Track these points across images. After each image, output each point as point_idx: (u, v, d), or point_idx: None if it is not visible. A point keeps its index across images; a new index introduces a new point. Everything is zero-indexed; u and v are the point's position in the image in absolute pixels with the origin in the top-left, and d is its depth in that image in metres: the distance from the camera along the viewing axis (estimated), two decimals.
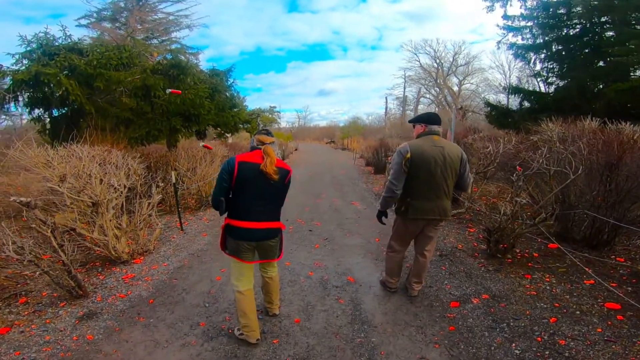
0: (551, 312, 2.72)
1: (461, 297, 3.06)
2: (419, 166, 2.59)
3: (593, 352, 2.22)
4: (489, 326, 2.59)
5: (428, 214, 2.68)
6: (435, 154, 2.59)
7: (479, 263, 3.84)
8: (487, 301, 2.96)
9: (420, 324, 2.64)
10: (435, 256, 4.07)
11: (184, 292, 3.26)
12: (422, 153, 2.59)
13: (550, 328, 2.50)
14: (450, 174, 2.64)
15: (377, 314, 2.80)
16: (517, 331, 2.50)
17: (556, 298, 2.94)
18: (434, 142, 2.64)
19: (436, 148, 2.60)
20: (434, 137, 2.66)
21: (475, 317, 2.73)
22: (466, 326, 2.60)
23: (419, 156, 2.58)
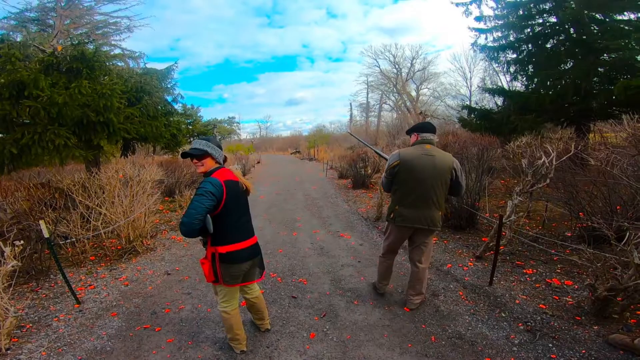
0: None
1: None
2: (408, 174, 2.63)
3: None
4: None
5: (415, 223, 2.69)
6: (425, 162, 2.60)
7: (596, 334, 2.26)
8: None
9: None
10: (523, 333, 2.50)
11: None
12: (412, 161, 2.62)
13: None
14: (440, 184, 2.62)
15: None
16: None
17: None
18: (426, 150, 2.63)
19: (427, 157, 2.61)
20: (426, 146, 2.66)
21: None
22: None
23: (407, 164, 2.63)
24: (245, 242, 2.07)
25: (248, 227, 2.12)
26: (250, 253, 2.11)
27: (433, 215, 2.66)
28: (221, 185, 1.90)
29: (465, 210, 4.99)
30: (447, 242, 4.74)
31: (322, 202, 8.22)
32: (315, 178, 13.54)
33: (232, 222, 2.01)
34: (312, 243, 4.99)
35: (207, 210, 1.83)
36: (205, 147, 2.01)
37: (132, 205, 4.83)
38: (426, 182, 2.59)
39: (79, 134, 4.74)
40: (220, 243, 2.00)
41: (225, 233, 1.99)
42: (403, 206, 2.70)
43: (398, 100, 37.94)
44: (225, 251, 2.00)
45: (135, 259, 4.65)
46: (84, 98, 4.41)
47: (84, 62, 4.79)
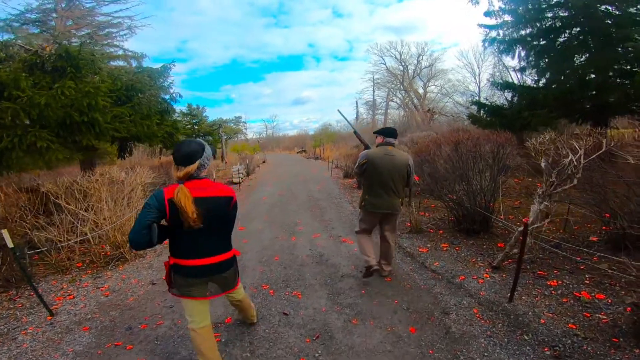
0: None
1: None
2: (373, 170, 3.27)
3: None
4: None
5: (380, 208, 3.32)
6: (386, 161, 3.24)
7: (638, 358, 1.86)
8: None
9: None
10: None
11: None
12: (375, 159, 3.26)
13: None
14: (398, 177, 3.27)
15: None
16: None
17: None
18: (387, 151, 3.27)
19: (387, 157, 3.24)
20: (388, 147, 3.30)
21: None
22: None
23: (373, 162, 3.26)
24: (194, 261, 1.91)
25: (203, 248, 1.92)
26: (200, 272, 1.94)
27: (394, 202, 3.31)
28: (163, 200, 1.76)
29: (479, 213, 4.58)
30: (459, 249, 4.33)
31: (325, 203, 7.85)
32: (320, 177, 13.18)
33: (178, 238, 1.89)
34: (312, 249, 4.63)
35: (149, 221, 1.73)
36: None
37: (120, 210, 4.55)
38: (387, 176, 3.23)
39: (64, 135, 4.46)
40: (171, 253, 1.95)
41: (173, 246, 1.93)
42: (371, 196, 3.35)
43: (405, 97, 37.32)
44: (173, 262, 1.95)
45: (122, 266, 4.39)
46: (67, 99, 4.12)
47: (69, 61, 4.52)
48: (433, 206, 6.47)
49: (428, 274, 3.72)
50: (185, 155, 1.81)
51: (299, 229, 5.69)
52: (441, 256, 4.15)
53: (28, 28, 12.91)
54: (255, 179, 13.85)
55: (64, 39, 14.07)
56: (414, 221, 4.94)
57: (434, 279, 3.58)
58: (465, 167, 4.35)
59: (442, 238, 4.73)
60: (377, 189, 3.27)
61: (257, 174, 16.13)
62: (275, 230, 5.61)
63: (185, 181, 1.82)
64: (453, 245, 4.43)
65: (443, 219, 5.66)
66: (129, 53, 16.36)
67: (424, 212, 5.99)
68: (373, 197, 3.31)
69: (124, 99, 5.30)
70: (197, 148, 1.83)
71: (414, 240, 4.74)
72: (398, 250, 4.46)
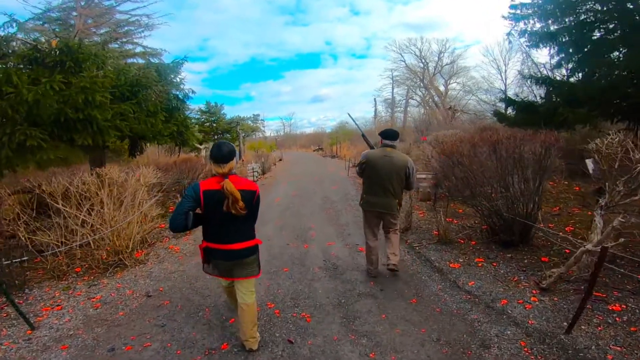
0: None
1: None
2: (372, 170, 3.38)
3: None
4: None
5: (376, 207, 3.41)
6: (384, 162, 3.32)
7: None
8: None
9: None
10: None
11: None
12: (374, 160, 3.36)
13: None
14: (396, 179, 3.33)
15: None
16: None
17: None
18: (386, 152, 3.36)
19: (386, 157, 3.33)
20: (387, 149, 3.38)
21: None
22: None
23: (371, 163, 3.37)
24: (221, 245, 2.22)
25: (230, 234, 2.21)
26: (225, 256, 2.25)
27: (390, 202, 3.37)
28: (199, 191, 2.11)
29: (519, 223, 3.96)
30: (496, 264, 3.73)
31: (341, 205, 7.35)
32: (336, 177, 12.68)
33: (210, 224, 2.23)
34: (325, 260, 4.15)
35: (186, 209, 2.09)
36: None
37: (120, 213, 4.23)
38: (384, 177, 3.30)
39: (59, 134, 4.18)
40: (203, 237, 2.30)
41: (206, 231, 2.27)
42: (368, 195, 3.46)
43: (425, 95, 36.13)
44: (204, 245, 2.29)
45: (121, 273, 4.07)
46: (57, 95, 3.82)
47: (69, 55, 4.24)
48: (461, 211, 5.86)
49: (461, 296, 3.17)
50: (226, 155, 2.13)
51: (312, 234, 5.22)
52: (476, 273, 3.57)
53: (47, 27, 13.03)
54: (270, 178, 13.53)
55: (84, 37, 14.23)
56: (442, 230, 4.37)
57: (469, 302, 3.03)
58: (504, 171, 3.74)
59: (476, 251, 4.14)
60: (374, 188, 3.38)
61: (273, 172, 15.81)
62: (287, 236, 5.17)
63: (229, 175, 2.13)
64: (489, 260, 3.84)
65: (474, 227, 5.05)
66: (148, 50, 16.39)
67: (451, 219, 5.39)
68: (370, 196, 3.43)
69: (128, 95, 4.99)
70: (232, 148, 2.19)
71: (442, 252, 4.17)
72: (424, 265, 3.93)
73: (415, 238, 4.76)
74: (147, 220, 5.19)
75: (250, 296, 2.37)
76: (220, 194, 2.07)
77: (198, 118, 31.14)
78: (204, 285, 3.63)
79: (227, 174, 2.13)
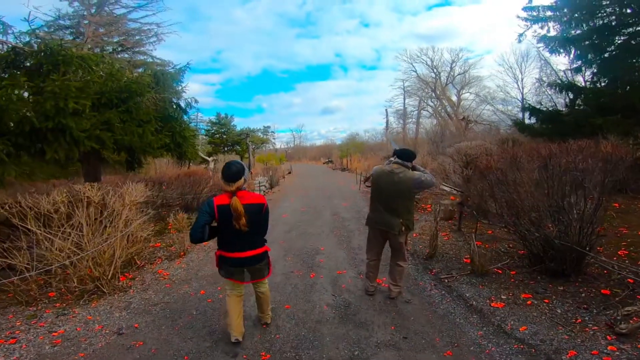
0: None
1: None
2: (375, 185, 3.28)
3: None
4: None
5: (377, 225, 3.24)
6: (387, 178, 3.15)
7: None
8: None
9: None
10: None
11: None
12: (378, 176, 3.24)
13: None
14: (400, 196, 3.10)
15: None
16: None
17: None
18: (392, 169, 3.16)
19: (391, 174, 3.14)
20: (394, 166, 3.17)
21: None
22: None
23: (376, 178, 3.26)
24: (234, 254, 2.46)
25: (240, 243, 2.43)
26: (237, 262, 2.48)
27: (390, 221, 3.12)
28: (213, 206, 2.35)
29: (571, 250, 3.23)
30: (548, 301, 2.99)
31: (353, 224, 6.66)
32: (347, 192, 12.01)
33: (223, 235, 2.46)
34: (335, 295, 3.46)
35: (203, 223, 2.34)
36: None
37: (98, 235, 3.67)
38: (386, 194, 3.15)
39: (25, 145, 3.67)
40: (218, 246, 2.54)
41: (220, 241, 2.50)
42: (371, 211, 3.33)
43: (437, 105, 35.40)
44: (218, 254, 2.55)
45: (97, 302, 3.52)
46: (21, 101, 3.32)
47: (48, 58, 3.80)
48: (490, 232, 5.11)
49: (512, 345, 2.46)
50: (234, 174, 2.34)
51: (320, 260, 4.55)
52: (527, 314, 2.83)
53: (58, 35, 13.03)
54: (278, 192, 12.95)
55: (95, 46, 14.21)
56: (476, 259, 3.63)
57: (524, 355, 2.33)
58: (560, 191, 3.04)
59: (519, 284, 3.39)
60: (376, 204, 3.26)
61: (281, 186, 15.24)
62: (291, 262, 4.51)
63: (237, 192, 2.34)
64: (539, 296, 3.10)
65: (508, 251, 4.31)
66: (157, 60, 16.35)
67: (480, 242, 4.65)
68: (372, 212, 3.31)
69: (116, 102, 4.51)
70: (241, 168, 2.39)
71: (478, 287, 3.42)
72: (458, 303, 3.20)
73: (443, 267, 4.02)
74: (136, 240, 4.64)
75: (264, 286, 2.75)
76: (227, 207, 2.31)
77: (208, 129, 31.23)
78: (188, 324, 3.01)
79: (235, 191, 2.34)
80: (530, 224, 3.21)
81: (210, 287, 3.82)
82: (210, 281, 3.98)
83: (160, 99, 5.48)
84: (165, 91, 5.90)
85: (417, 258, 4.41)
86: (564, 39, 11.51)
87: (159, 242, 5.86)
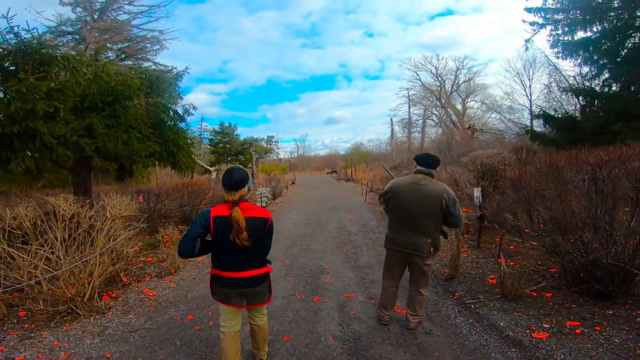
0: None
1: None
2: (396, 201, 2.76)
3: None
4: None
5: (401, 247, 2.74)
6: (411, 191, 2.69)
7: None
8: None
9: None
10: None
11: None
12: (399, 189, 2.76)
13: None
14: (426, 213, 2.63)
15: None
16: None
17: None
18: (416, 180, 2.71)
19: (415, 186, 2.69)
20: (418, 176, 2.73)
21: None
22: None
23: (396, 191, 2.77)
24: (229, 273, 2.14)
25: (238, 261, 2.14)
26: (234, 283, 2.15)
27: (418, 242, 2.67)
28: (209, 217, 2.05)
29: (618, 269, 2.74)
30: (600, 328, 2.49)
31: (360, 239, 6.16)
32: (352, 203, 11.51)
33: (218, 251, 2.15)
34: (342, 325, 2.96)
35: (194, 235, 2.03)
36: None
37: (72, 251, 3.24)
38: (411, 210, 2.67)
39: None
40: (212, 264, 2.20)
41: (215, 258, 2.18)
42: (392, 230, 2.85)
43: (442, 114, 35.08)
44: (213, 273, 2.22)
45: (69, 325, 3.10)
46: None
47: (24, 58, 3.46)
48: (512, 248, 4.59)
49: None
50: (237, 182, 2.05)
51: (325, 280, 4.05)
52: (580, 347, 2.33)
53: (60, 40, 12.93)
54: (281, 203, 12.50)
55: (100, 52, 14.06)
56: (507, 281, 3.12)
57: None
58: (610, 206, 2.57)
59: (560, 308, 2.88)
60: (398, 224, 2.79)
61: (284, 197, 14.79)
62: (293, 282, 4.02)
63: (239, 202, 2.07)
64: (587, 323, 2.60)
65: (538, 270, 3.79)
66: (160, 67, 16.27)
67: (504, 259, 4.13)
68: (394, 233, 2.83)
69: (101, 106, 4.12)
70: (245, 175, 2.10)
71: (513, 313, 2.89)
72: (490, 333, 2.69)
73: (466, 290, 3.50)
74: (121, 257, 4.21)
75: (262, 318, 2.38)
76: (230, 220, 2.03)
77: (212, 139, 31.12)
78: (169, 357, 2.57)
79: (238, 201, 2.08)
80: (581, 243, 2.71)
81: (200, 311, 3.35)
82: (200, 304, 3.51)
83: (152, 103, 5.11)
84: (159, 96, 5.55)
85: (435, 279, 3.89)
86: (575, 42, 11.18)
87: (151, 256, 5.43)
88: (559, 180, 2.94)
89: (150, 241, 6.34)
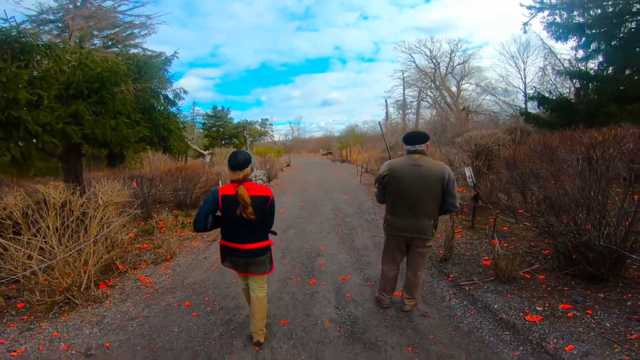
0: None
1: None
2: (396, 184, 2.64)
3: None
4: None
5: (403, 231, 2.68)
6: (411, 172, 2.58)
7: None
8: None
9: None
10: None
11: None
12: (399, 171, 2.62)
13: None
14: (428, 194, 2.57)
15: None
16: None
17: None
18: (413, 160, 2.62)
19: (413, 167, 2.59)
20: (414, 156, 2.63)
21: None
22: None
23: (395, 174, 2.64)
24: (235, 245, 2.39)
25: (243, 235, 2.35)
26: (238, 254, 2.41)
27: (422, 224, 2.62)
28: (217, 195, 2.31)
29: (610, 251, 2.78)
30: (591, 312, 2.55)
31: (355, 220, 6.20)
32: (347, 185, 11.53)
33: (226, 225, 2.41)
34: (339, 307, 3.00)
35: (206, 212, 2.29)
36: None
37: (66, 240, 3.20)
38: (413, 192, 2.59)
39: None
40: (221, 235, 2.47)
41: (223, 231, 2.45)
42: (393, 215, 2.73)
43: (437, 96, 34.76)
44: (222, 243, 2.48)
45: (67, 315, 3.10)
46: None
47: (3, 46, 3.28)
48: (506, 229, 4.64)
49: None
50: (241, 162, 2.29)
51: (320, 263, 4.09)
52: (571, 329, 2.39)
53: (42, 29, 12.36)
54: (276, 185, 12.47)
55: (85, 40, 13.49)
56: (502, 262, 3.17)
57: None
58: (604, 187, 2.58)
59: (553, 290, 2.94)
60: (400, 207, 2.66)
61: (279, 179, 14.75)
62: (289, 266, 4.05)
63: (244, 182, 2.29)
64: (579, 306, 2.66)
65: (531, 251, 3.85)
66: (148, 52, 15.72)
67: (497, 240, 4.19)
68: (395, 218, 2.70)
69: (87, 93, 3.98)
70: (247, 156, 2.33)
71: (507, 295, 2.96)
72: (484, 316, 2.75)
73: (461, 271, 3.56)
74: (116, 244, 4.18)
75: (262, 291, 2.54)
76: (236, 198, 2.23)
77: (205, 122, 30.65)
78: (168, 344, 2.57)
79: (242, 180, 2.28)
80: (574, 224, 2.73)
81: (197, 297, 3.37)
82: (197, 290, 3.53)
83: (140, 89, 4.95)
84: (148, 81, 5.37)
85: (430, 260, 3.94)
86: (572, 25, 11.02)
87: (147, 242, 5.41)
88: (553, 160, 2.93)
89: (145, 227, 6.31)
